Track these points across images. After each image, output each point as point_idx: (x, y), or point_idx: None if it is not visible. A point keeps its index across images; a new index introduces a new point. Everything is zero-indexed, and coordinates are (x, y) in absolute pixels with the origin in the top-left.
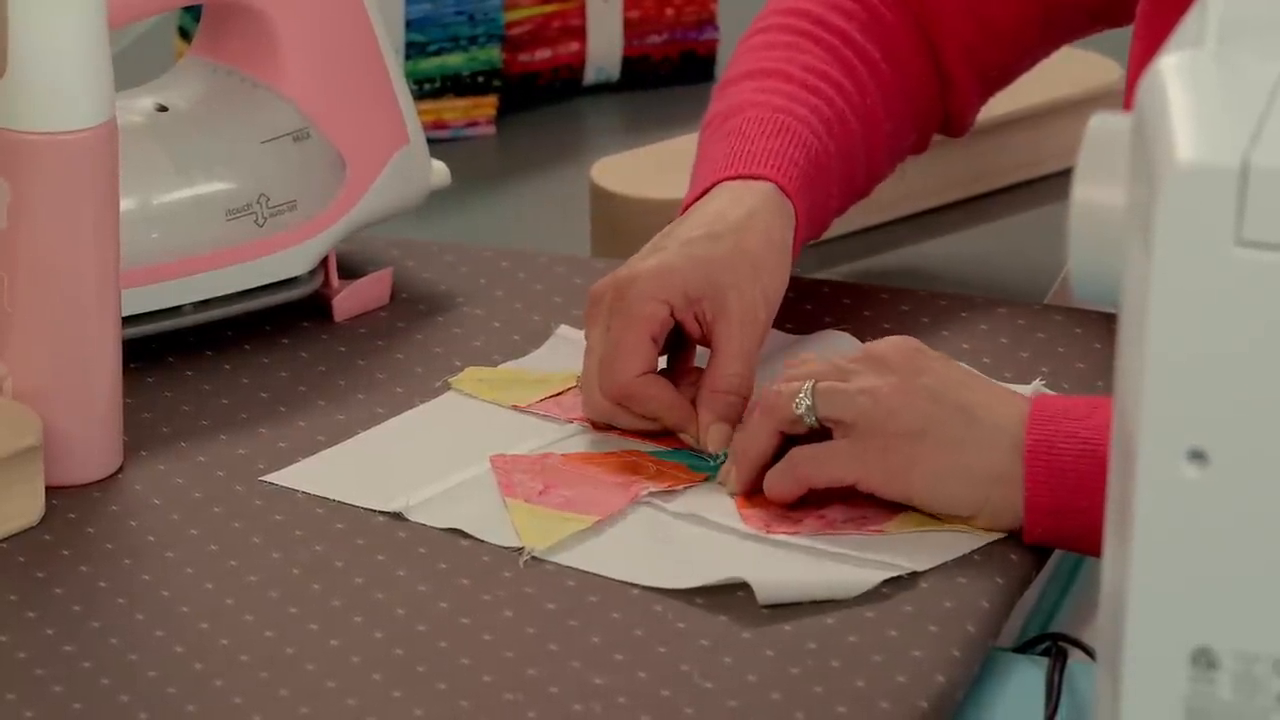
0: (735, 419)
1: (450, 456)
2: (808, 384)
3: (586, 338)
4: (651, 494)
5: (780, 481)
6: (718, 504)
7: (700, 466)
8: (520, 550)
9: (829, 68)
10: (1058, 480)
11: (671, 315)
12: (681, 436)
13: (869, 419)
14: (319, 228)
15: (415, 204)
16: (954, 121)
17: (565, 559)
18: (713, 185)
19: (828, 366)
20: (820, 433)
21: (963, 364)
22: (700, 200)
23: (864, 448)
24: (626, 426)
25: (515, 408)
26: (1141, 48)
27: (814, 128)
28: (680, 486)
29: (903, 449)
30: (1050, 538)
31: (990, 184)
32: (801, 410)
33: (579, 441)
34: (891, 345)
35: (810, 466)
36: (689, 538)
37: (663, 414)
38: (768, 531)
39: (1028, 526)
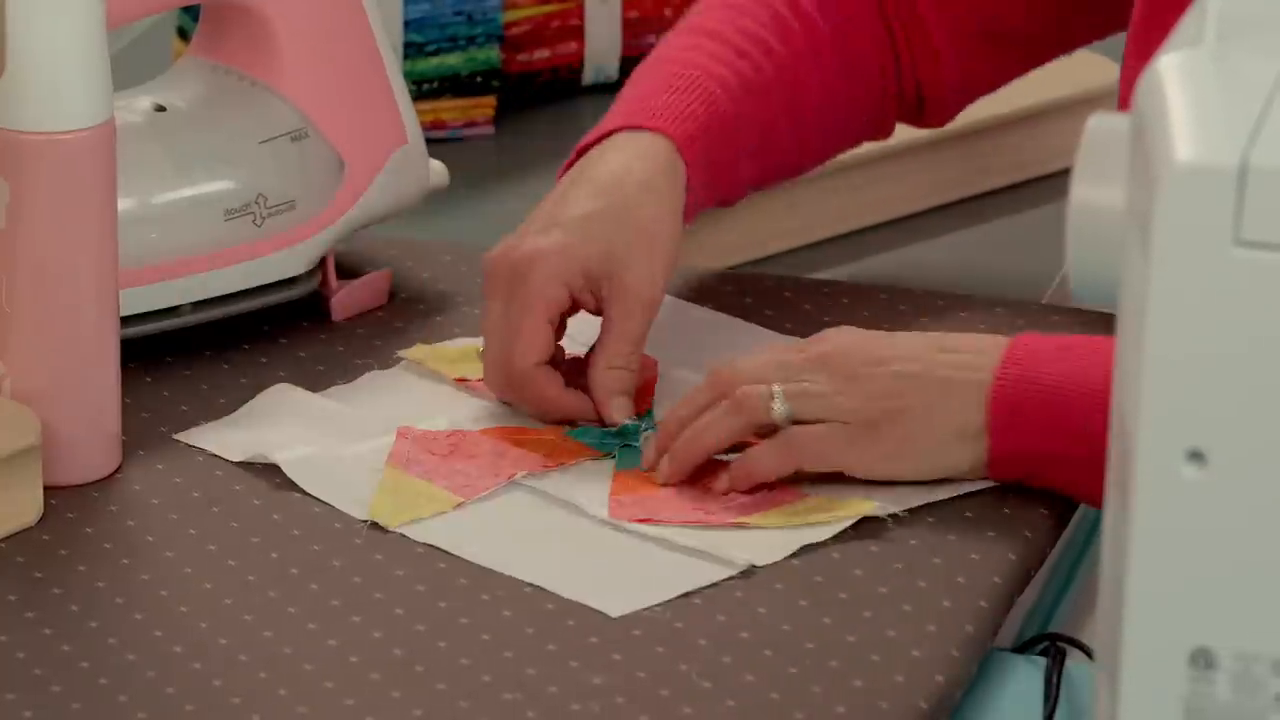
0: (627, 391)
1: (359, 423)
2: (777, 388)
3: (484, 312)
4: (526, 475)
5: (770, 458)
6: (590, 490)
7: (606, 445)
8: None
9: (768, 35)
10: (1020, 426)
11: (570, 296)
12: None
13: (852, 417)
14: (317, 227)
15: (414, 204)
16: (930, 106)
17: (426, 536)
18: (610, 132)
19: (774, 364)
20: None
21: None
22: (595, 149)
23: (857, 436)
24: (525, 409)
25: (459, 381)
26: (1136, 47)
27: (730, 89)
28: (557, 465)
29: (891, 434)
30: (1018, 478)
31: (988, 184)
32: (779, 417)
33: (496, 418)
34: (836, 345)
35: (805, 448)
36: (548, 527)
37: (547, 410)
38: (630, 521)
39: (991, 470)
